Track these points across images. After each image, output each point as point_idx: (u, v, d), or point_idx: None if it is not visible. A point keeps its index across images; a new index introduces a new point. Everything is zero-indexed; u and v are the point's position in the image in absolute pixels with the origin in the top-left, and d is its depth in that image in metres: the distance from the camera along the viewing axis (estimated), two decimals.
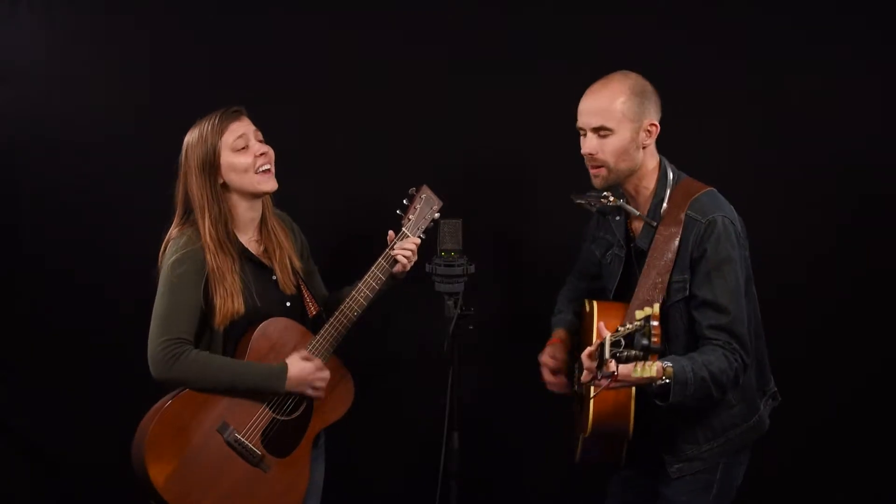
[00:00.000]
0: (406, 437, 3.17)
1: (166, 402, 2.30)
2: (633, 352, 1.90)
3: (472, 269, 2.30)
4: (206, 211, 2.35)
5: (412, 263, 2.45)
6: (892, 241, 3.00)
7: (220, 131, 2.36)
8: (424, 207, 2.50)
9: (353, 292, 2.43)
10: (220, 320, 2.33)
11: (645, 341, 1.88)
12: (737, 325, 2.23)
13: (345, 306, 2.43)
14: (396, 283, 2.50)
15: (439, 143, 3.07)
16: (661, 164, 2.36)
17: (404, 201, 2.50)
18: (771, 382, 2.45)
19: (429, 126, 3.08)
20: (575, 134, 2.42)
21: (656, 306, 1.89)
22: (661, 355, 1.99)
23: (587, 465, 2.48)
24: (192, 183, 2.36)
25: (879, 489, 3.10)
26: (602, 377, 2.03)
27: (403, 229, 2.47)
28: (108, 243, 3.10)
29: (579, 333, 2.57)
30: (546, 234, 3.07)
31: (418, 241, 2.45)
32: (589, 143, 2.31)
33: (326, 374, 2.41)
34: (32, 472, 3.21)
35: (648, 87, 2.32)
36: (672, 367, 2.10)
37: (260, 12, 3.08)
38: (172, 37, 3.08)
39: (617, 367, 1.98)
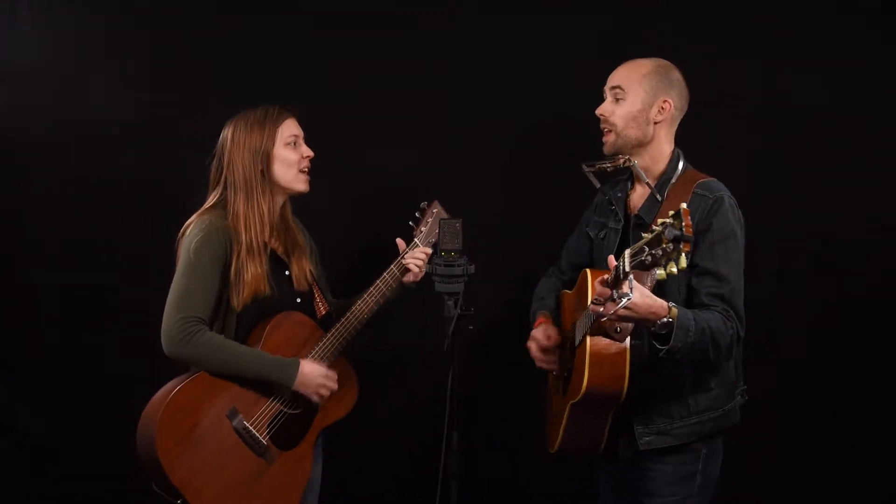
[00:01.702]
0: (406, 437, 3.17)
1: (178, 383, 2.31)
2: (662, 248, 1.86)
3: (472, 269, 2.30)
4: (252, 191, 2.41)
5: (423, 273, 2.56)
6: (891, 241, 3.00)
7: (278, 122, 2.45)
8: (435, 222, 2.62)
9: (365, 295, 2.53)
10: (246, 296, 2.36)
11: (676, 231, 1.84)
12: (735, 297, 2.28)
13: (356, 308, 2.52)
14: (404, 292, 2.61)
15: (440, 143, 3.07)
16: (674, 152, 2.45)
17: (416, 214, 2.62)
18: (742, 381, 2.47)
19: (429, 126, 3.08)
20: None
21: (684, 204, 1.88)
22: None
23: (565, 454, 2.48)
24: (239, 165, 2.42)
25: (879, 489, 3.09)
26: (618, 297, 2.02)
27: (415, 240, 2.59)
28: (108, 243, 3.10)
29: (559, 319, 2.61)
30: (546, 235, 3.06)
31: (429, 251, 2.57)
32: (603, 105, 2.43)
33: (334, 384, 2.45)
34: (32, 472, 3.21)
35: (676, 75, 2.43)
36: (676, 309, 2.15)
37: (260, 12, 3.08)
38: (172, 37, 3.08)
39: (631, 287, 1.99)
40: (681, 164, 2.42)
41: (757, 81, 3.00)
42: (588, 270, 2.41)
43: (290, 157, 2.44)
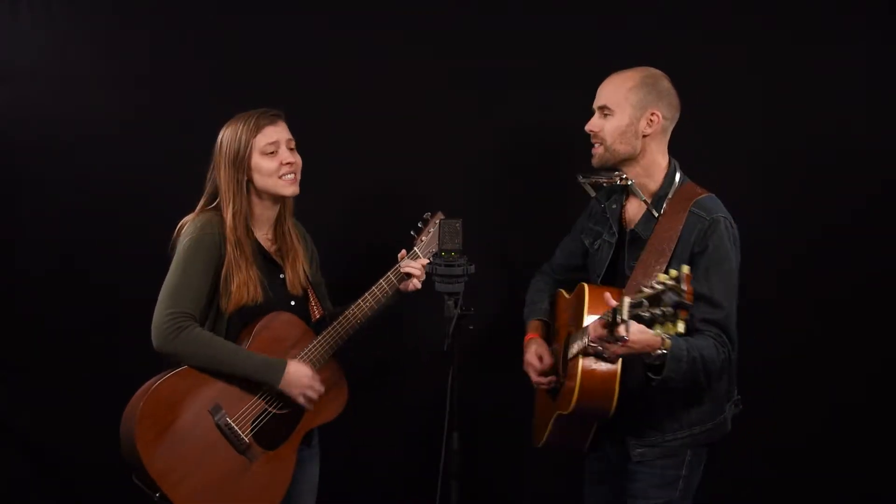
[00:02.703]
0: (406, 438, 3.17)
1: (161, 377, 2.31)
2: (661, 310, 1.91)
3: (472, 269, 2.30)
4: (230, 202, 2.42)
5: (420, 282, 2.53)
6: (891, 241, 3.00)
7: (255, 132, 2.42)
8: (437, 233, 2.54)
9: (360, 301, 2.52)
10: (232, 305, 2.38)
11: (676, 297, 1.88)
12: (729, 322, 2.30)
13: (349, 313, 2.51)
14: (402, 300, 2.59)
15: (441, 144, 3.07)
16: (670, 165, 2.43)
17: (419, 224, 2.59)
18: (736, 391, 2.49)
19: (429, 127, 3.08)
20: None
21: (686, 267, 1.91)
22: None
23: (550, 449, 2.52)
24: (220, 174, 2.43)
25: (876, 491, 3.09)
26: (615, 340, 2.09)
27: (415, 249, 2.57)
28: (108, 243, 3.10)
29: (554, 320, 2.62)
30: (546, 234, 3.06)
31: (426, 262, 2.53)
32: (592, 121, 2.43)
33: (321, 387, 2.44)
34: (32, 472, 3.21)
35: (665, 84, 2.40)
36: (670, 340, 2.17)
37: (260, 12, 3.08)
38: (172, 37, 3.08)
39: (628, 330, 2.04)
40: (677, 178, 2.41)
41: (756, 82, 3.00)
42: (586, 287, 2.42)
43: (268, 166, 2.42)
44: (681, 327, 1.90)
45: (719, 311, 2.28)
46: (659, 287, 1.93)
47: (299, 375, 2.40)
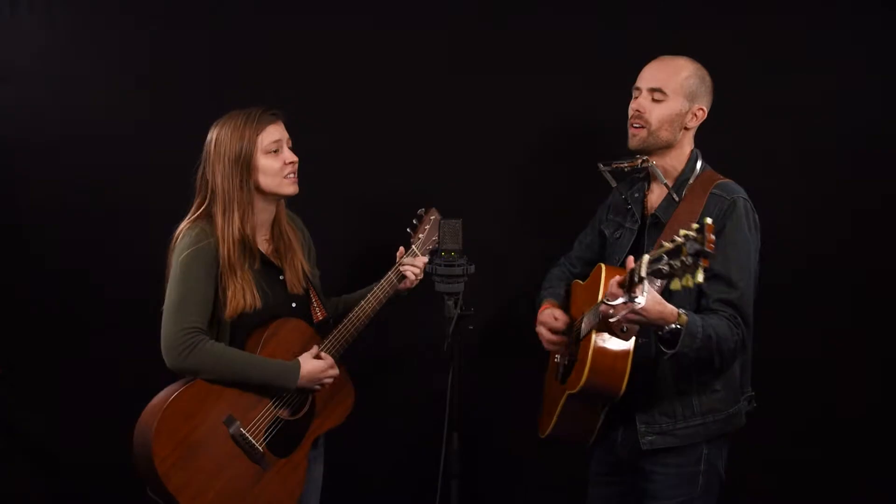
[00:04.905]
0: (406, 437, 3.17)
1: (176, 389, 2.30)
2: (681, 259, 1.86)
3: (472, 269, 2.30)
4: (230, 204, 2.37)
5: (418, 280, 2.54)
6: (892, 242, 3.00)
7: (258, 130, 2.38)
8: (433, 229, 2.60)
9: (363, 303, 2.52)
10: (230, 312, 2.35)
11: (698, 246, 1.84)
12: (744, 303, 2.28)
13: (353, 315, 2.51)
14: (399, 298, 2.60)
15: (441, 144, 3.07)
16: (693, 152, 2.45)
17: (414, 221, 2.61)
18: (749, 386, 2.46)
19: (430, 127, 3.08)
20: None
21: (709, 219, 1.88)
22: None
23: (556, 440, 2.49)
24: (219, 174, 2.37)
25: (884, 490, 3.09)
26: (630, 300, 2.03)
27: (413, 247, 2.58)
28: (108, 243, 3.10)
29: (568, 308, 2.61)
30: (546, 234, 3.06)
31: (426, 259, 2.53)
32: (640, 101, 2.39)
33: (336, 371, 2.45)
34: (32, 472, 3.21)
35: (709, 79, 2.42)
36: (686, 316, 2.15)
37: (261, 12, 3.08)
38: (172, 37, 3.08)
39: (644, 291, 1.99)
40: (699, 165, 2.42)
41: (756, 81, 3.00)
42: (602, 266, 2.42)
43: (272, 165, 2.39)
44: (700, 277, 1.85)
45: (734, 291, 2.26)
46: (680, 239, 1.88)
47: (313, 369, 2.40)
